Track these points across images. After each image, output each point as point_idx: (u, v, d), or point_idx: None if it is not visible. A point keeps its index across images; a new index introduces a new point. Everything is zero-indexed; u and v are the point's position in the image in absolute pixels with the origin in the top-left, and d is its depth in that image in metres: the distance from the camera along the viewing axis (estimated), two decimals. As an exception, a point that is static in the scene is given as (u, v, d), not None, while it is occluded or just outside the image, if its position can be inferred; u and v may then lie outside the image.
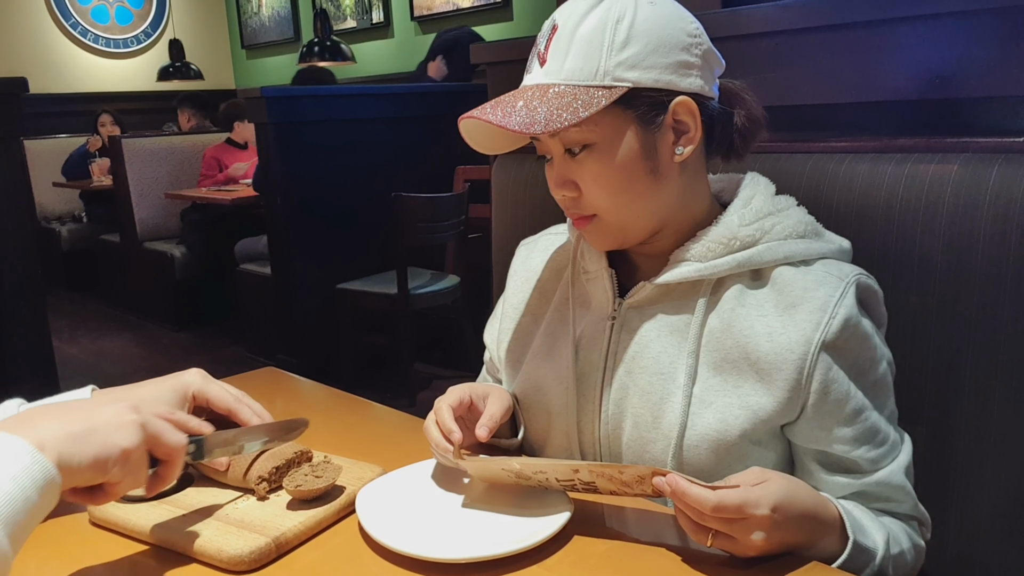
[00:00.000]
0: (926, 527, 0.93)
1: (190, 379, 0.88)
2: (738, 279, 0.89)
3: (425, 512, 0.85)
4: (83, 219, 5.70)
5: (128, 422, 0.69)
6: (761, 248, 0.88)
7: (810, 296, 0.84)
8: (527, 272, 1.08)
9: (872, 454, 0.86)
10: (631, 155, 0.86)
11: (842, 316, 0.83)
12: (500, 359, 1.08)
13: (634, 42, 0.84)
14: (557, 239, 1.08)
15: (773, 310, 0.86)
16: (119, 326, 4.84)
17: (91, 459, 0.65)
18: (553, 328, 1.01)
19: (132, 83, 6.76)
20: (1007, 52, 1.00)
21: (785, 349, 0.84)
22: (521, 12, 4.66)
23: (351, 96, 3.84)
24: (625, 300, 0.93)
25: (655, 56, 0.84)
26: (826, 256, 0.89)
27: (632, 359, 0.92)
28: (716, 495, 0.72)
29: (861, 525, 0.83)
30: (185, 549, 0.77)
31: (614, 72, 0.83)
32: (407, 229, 3.10)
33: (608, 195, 0.87)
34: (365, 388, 1.76)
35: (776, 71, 1.17)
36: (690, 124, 0.87)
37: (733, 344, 0.87)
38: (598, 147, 0.86)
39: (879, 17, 1.08)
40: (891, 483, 0.87)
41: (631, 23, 0.84)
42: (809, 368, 0.83)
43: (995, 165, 0.95)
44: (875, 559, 0.83)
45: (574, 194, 0.89)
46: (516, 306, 1.07)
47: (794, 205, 0.93)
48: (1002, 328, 0.95)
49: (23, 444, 0.61)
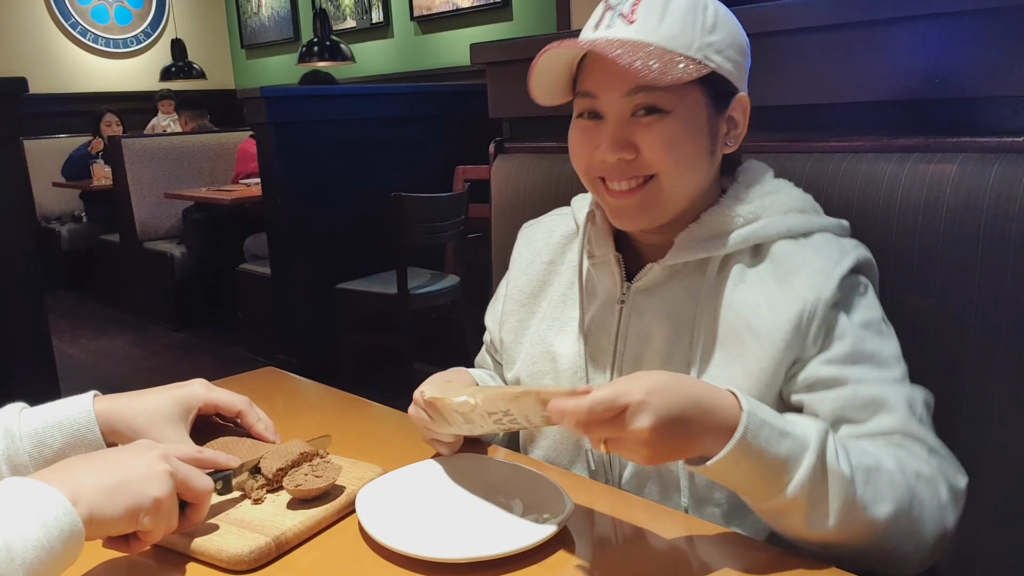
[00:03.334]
0: (955, 469, 0.81)
1: (194, 391, 0.89)
2: (740, 257, 0.91)
3: (425, 512, 0.85)
4: (83, 219, 5.70)
5: (159, 472, 0.70)
6: (763, 223, 0.90)
7: (808, 264, 0.87)
8: (530, 254, 1.09)
9: (858, 372, 0.83)
10: (700, 132, 0.89)
11: (838, 277, 0.85)
12: (501, 341, 1.09)
13: (719, 30, 0.87)
14: (560, 221, 1.09)
15: (773, 281, 0.88)
16: (119, 326, 4.84)
17: (124, 511, 0.67)
18: (559, 312, 1.03)
19: (131, 83, 6.76)
20: (1007, 52, 1.00)
21: (784, 312, 0.86)
22: (521, 12, 4.66)
23: (351, 96, 3.84)
24: (633, 283, 0.95)
25: (731, 50, 0.88)
26: (826, 230, 0.92)
27: (642, 341, 0.94)
28: (589, 396, 0.69)
29: (775, 413, 0.74)
30: (185, 549, 0.77)
31: (705, 50, 0.86)
32: (407, 229, 3.10)
33: (674, 160, 0.88)
34: (365, 388, 1.75)
35: (776, 71, 1.17)
36: (740, 121, 0.92)
37: (735, 317, 0.89)
38: (672, 115, 0.87)
39: (879, 17, 1.08)
40: (879, 397, 0.81)
41: (715, 12, 0.88)
42: (804, 325, 0.84)
43: (995, 165, 0.95)
44: (808, 446, 0.72)
45: (631, 156, 0.88)
46: (520, 288, 1.08)
47: (791, 185, 0.96)
48: (1002, 328, 0.95)
49: (58, 496, 0.63)
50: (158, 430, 0.85)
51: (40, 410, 0.83)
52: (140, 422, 0.85)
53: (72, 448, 0.82)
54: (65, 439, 0.82)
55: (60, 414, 0.83)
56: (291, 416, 1.12)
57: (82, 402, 0.84)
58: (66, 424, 0.82)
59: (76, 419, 0.82)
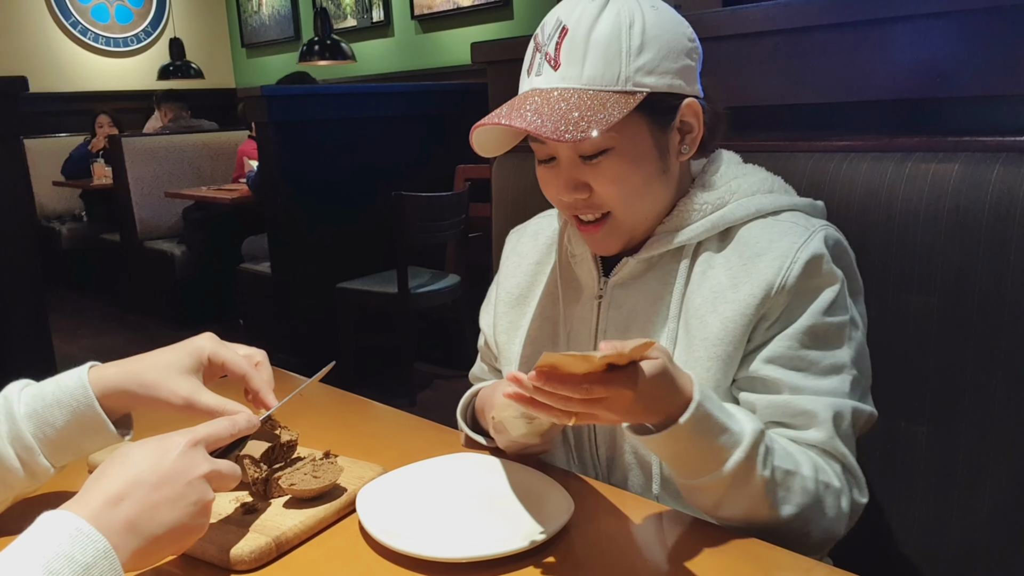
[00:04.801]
0: (859, 487, 0.87)
1: (203, 344, 0.87)
2: (709, 244, 0.92)
3: (425, 512, 0.85)
4: (83, 218, 5.70)
5: (198, 500, 0.69)
6: (731, 206, 0.91)
7: (774, 245, 0.87)
8: (518, 257, 1.11)
9: (795, 379, 0.84)
10: (646, 157, 0.89)
11: (803, 260, 0.85)
12: (496, 342, 1.10)
13: (648, 48, 0.85)
14: (545, 223, 1.11)
15: (738, 262, 0.89)
16: (119, 325, 4.84)
17: (171, 553, 0.71)
18: (547, 312, 1.05)
19: (132, 82, 6.75)
20: (1007, 52, 0.99)
21: (748, 295, 0.86)
22: (521, 12, 4.66)
23: (351, 95, 3.84)
24: (610, 278, 0.96)
25: (667, 62, 0.86)
26: (796, 208, 0.92)
27: (621, 334, 0.95)
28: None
29: (722, 406, 0.79)
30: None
31: (634, 78, 0.85)
32: (408, 228, 3.09)
33: (624, 195, 0.89)
34: (365, 388, 1.75)
35: (776, 71, 1.17)
36: (694, 124, 0.91)
37: (702, 302, 0.90)
38: (616, 151, 0.87)
39: (879, 16, 1.08)
40: (809, 410, 0.84)
41: (643, 28, 0.85)
42: (765, 307, 0.85)
43: (995, 164, 0.95)
44: (740, 443, 0.77)
45: (586, 195, 0.90)
46: (509, 291, 1.09)
47: (761, 169, 0.96)
48: (1003, 327, 0.95)
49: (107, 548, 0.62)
50: (172, 382, 0.82)
51: (40, 388, 0.82)
52: (151, 377, 0.82)
53: (75, 426, 0.81)
54: (67, 418, 0.80)
55: (59, 392, 0.81)
56: (291, 416, 1.12)
57: (77, 377, 0.82)
58: (64, 402, 0.80)
59: (73, 395, 0.81)
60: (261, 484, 0.86)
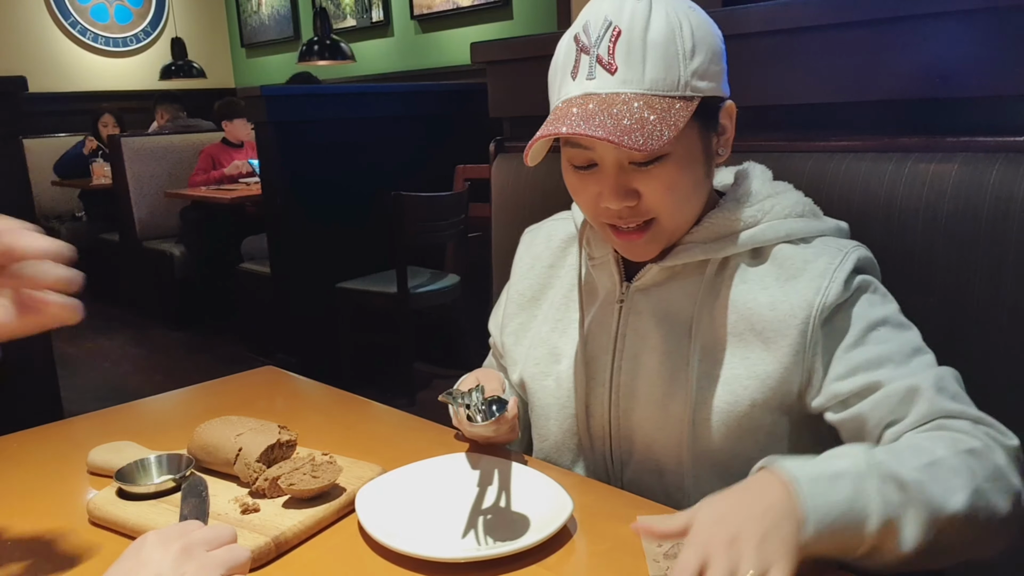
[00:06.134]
0: (1000, 431, 0.78)
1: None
2: (740, 259, 0.91)
3: (425, 512, 0.85)
4: (82, 218, 5.69)
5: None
6: (763, 227, 0.90)
7: (810, 266, 0.87)
8: (531, 259, 1.10)
9: (883, 374, 0.81)
10: (696, 162, 0.87)
11: (841, 279, 0.85)
12: (503, 344, 1.10)
13: (699, 51, 0.83)
14: (560, 225, 1.10)
15: (775, 282, 0.88)
16: (118, 325, 4.84)
17: None
18: (560, 314, 1.04)
19: (132, 82, 6.75)
20: (1007, 52, 0.99)
21: (788, 315, 0.86)
22: (521, 11, 4.66)
23: (351, 95, 3.83)
24: (633, 283, 0.95)
25: (713, 65, 0.85)
26: (825, 234, 0.91)
27: (641, 341, 0.94)
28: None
29: (813, 459, 0.71)
30: (185, 549, 0.77)
31: (691, 82, 0.83)
32: (407, 228, 3.09)
33: (674, 201, 0.87)
34: (365, 387, 1.76)
35: (776, 71, 1.17)
36: (728, 127, 0.91)
37: (737, 318, 0.89)
38: (670, 157, 0.84)
39: (879, 16, 1.08)
40: (911, 385, 0.80)
41: (691, 31, 0.83)
42: (812, 330, 0.84)
43: (995, 164, 0.95)
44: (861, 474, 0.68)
45: (635, 203, 0.86)
46: (522, 292, 1.09)
47: (792, 188, 0.96)
48: (1002, 328, 0.95)
49: None
50: None
51: None
52: None
53: None
54: None
55: None
56: (291, 415, 1.12)
57: None
58: None
59: None
60: (260, 484, 0.86)
